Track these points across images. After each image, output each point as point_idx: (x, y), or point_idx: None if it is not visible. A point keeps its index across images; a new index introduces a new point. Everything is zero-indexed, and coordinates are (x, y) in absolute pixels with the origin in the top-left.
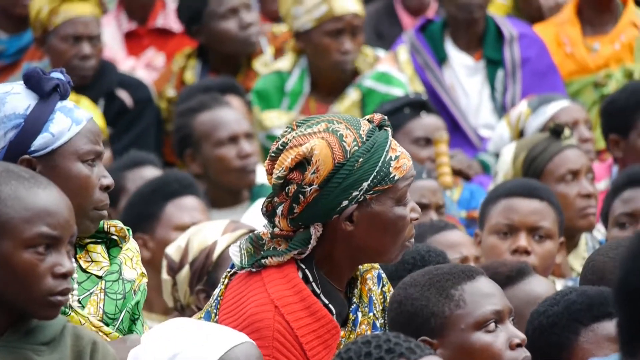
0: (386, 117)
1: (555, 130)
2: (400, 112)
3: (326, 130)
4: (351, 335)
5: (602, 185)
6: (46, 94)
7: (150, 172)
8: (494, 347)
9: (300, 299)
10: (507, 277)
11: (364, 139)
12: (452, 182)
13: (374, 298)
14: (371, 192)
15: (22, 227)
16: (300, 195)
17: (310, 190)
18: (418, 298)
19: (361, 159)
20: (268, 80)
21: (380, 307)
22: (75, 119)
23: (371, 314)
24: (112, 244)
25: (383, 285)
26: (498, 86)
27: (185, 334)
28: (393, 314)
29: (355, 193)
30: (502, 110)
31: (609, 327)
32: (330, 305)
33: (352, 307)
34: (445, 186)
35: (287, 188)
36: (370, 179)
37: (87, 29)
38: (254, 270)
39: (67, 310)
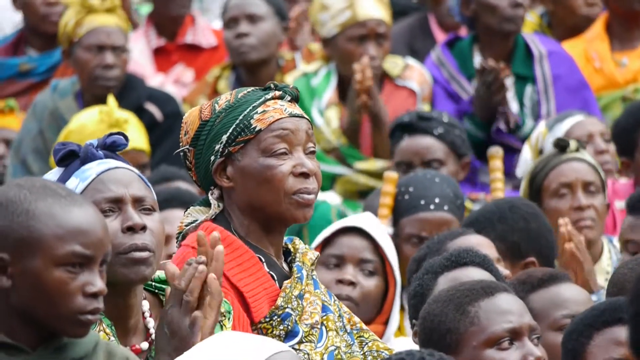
0: (289, 85)
1: (558, 144)
2: (394, 136)
3: None
4: (297, 285)
5: None
6: (58, 163)
7: (168, 188)
8: None
9: None
10: (539, 280)
11: (238, 99)
12: (504, 197)
13: (317, 280)
14: (233, 144)
15: (55, 244)
16: (187, 161)
17: (189, 151)
18: (438, 314)
19: (223, 114)
20: (296, 84)
21: (337, 314)
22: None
23: (317, 290)
24: None
25: (335, 300)
26: (527, 102)
27: (225, 345)
28: (419, 329)
29: (217, 147)
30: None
31: (618, 331)
32: (258, 255)
33: (296, 265)
34: None
35: (183, 159)
36: (230, 131)
37: (110, 38)
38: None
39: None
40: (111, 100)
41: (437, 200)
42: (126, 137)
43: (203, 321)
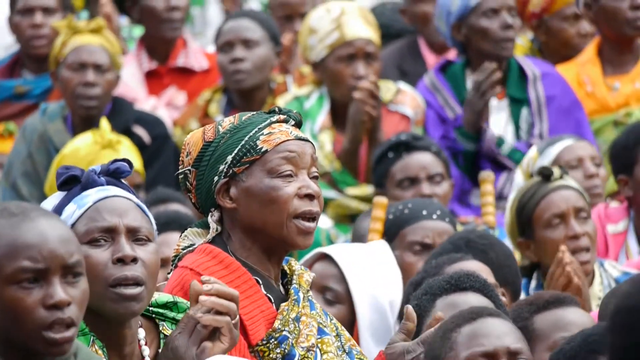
0: (293, 111)
1: (542, 173)
2: (385, 159)
3: None
4: (294, 308)
5: (621, 226)
6: (59, 187)
7: (167, 210)
8: None
9: (213, 257)
10: (546, 302)
11: (243, 121)
12: (495, 221)
13: (313, 302)
14: (238, 164)
15: (2, 263)
16: (187, 182)
17: (190, 172)
18: (430, 343)
19: (227, 135)
20: (288, 107)
21: (335, 334)
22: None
23: (313, 312)
24: None
25: (332, 319)
26: (522, 125)
27: None
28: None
29: (221, 167)
30: (527, 148)
31: None
32: (255, 277)
33: (293, 287)
34: (489, 226)
35: (182, 181)
36: (235, 152)
37: (92, 56)
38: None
39: None
40: (104, 122)
41: (438, 212)
42: (130, 164)
43: (215, 346)
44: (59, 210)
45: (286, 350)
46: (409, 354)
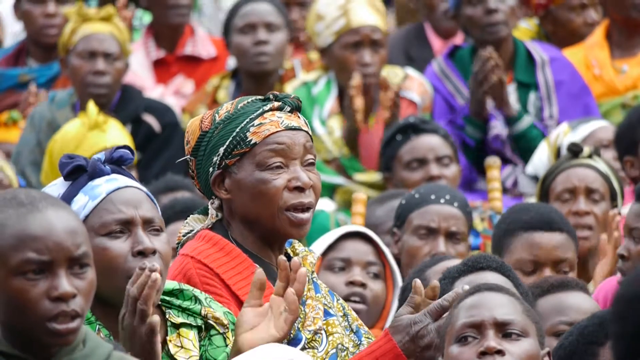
0: (290, 95)
1: (571, 149)
2: (393, 141)
3: None
4: None
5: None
6: (65, 177)
7: (184, 197)
8: (461, 359)
9: (213, 244)
10: (550, 285)
11: (237, 110)
12: (502, 207)
13: (318, 283)
14: (230, 156)
15: (9, 254)
16: (190, 170)
17: (190, 160)
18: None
19: (221, 126)
20: (296, 93)
21: (341, 314)
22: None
23: (319, 294)
24: (207, 328)
25: (338, 299)
26: (530, 109)
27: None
28: None
29: (214, 158)
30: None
31: None
32: (256, 264)
33: None
34: (496, 211)
35: (187, 167)
36: (227, 143)
37: (102, 45)
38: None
39: None
40: (91, 105)
41: (447, 197)
42: (132, 152)
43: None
44: (66, 201)
45: (291, 335)
46: (416, 324)
